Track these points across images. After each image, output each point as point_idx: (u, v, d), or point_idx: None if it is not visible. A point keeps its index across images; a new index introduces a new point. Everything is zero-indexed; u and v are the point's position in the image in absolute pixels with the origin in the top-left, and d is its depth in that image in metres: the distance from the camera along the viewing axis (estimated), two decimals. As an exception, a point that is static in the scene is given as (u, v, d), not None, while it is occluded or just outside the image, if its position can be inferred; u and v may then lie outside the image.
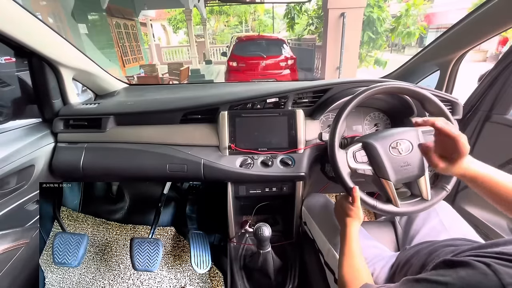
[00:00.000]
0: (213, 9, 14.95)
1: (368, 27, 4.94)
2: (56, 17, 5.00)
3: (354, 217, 0.67)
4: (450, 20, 10.47)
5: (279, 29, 18.05)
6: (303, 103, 0.99)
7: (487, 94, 0.95)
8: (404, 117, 0.97)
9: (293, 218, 1.03)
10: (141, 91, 1.33)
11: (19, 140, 0.86)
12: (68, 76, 1.00)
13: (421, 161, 0.70)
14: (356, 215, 0.67)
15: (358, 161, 0.71)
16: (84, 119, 1.00)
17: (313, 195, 1.00)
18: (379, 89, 0.71)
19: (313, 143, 0.93)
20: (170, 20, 16.37)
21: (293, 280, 0.96)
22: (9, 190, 0.81)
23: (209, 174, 0.91)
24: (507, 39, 7.98)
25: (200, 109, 0.97)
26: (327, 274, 0.75)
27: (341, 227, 0.68)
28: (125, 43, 7.56)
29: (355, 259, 0.59)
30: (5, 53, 1.21)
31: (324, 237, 0.78)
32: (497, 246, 0.38)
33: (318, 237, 0.81)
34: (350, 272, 0.57)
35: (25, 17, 0.76)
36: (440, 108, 0.73)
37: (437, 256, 0.50)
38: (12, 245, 0.80)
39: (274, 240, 1.07)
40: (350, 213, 0.67)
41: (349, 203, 0.68)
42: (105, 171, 0.96)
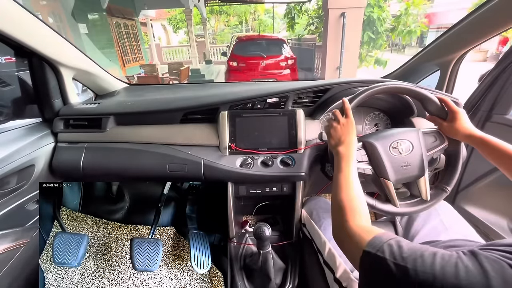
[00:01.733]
0: (213, 9, 14.95)
1: (368, 27, 4.93)
2: (56, 16, 5.01)
3: (349, 142, 0.63)
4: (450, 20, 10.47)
5: (279, 29, 18.04)
6: (303, 103, 0.99)
7: (487, 94, 0.95)
8: (405, 117, 0.97)
9: (293, 218, 1.03)
10: (141, 91, 1.33)
11: (19, 140, 0.86)
12: (68, 76, 1.00)
13: (421, 161, 0.70)
14: (349, 136, 0.64)
15: (358, 161, 0.71)
16: (84, 119, 1.00)
17: (312, 198, 1.00)
18: (379, 89, 0.71)
19: (313, 143, 0.93)
20: (170, 20, 16.37)
21: (293, 280, 0.96)
22: (9, 190, 0.81)
23: (209, 174, 0.91)
24: (507, 39, 7.98)
25: (200, 109, 0.97)
26: (326, 273, 0.75)
27: (335, 157, 0.63)
28: (125, 43, 7.56)
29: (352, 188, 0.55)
30: (5, 53, 1.21)
31: (323, 237, 0.78)
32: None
33: (317, 237, 0.81)
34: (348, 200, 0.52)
35: (25, 16, 0.76)
36: (441, 108, 0.73)
37: None
38: (12, 245, 0.80)
39: (274, 240, 1.07)
40: (345, 137, 0.63)
41: (341, 121, 0.66)
42: (105, 171, 0.96)
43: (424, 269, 0.33)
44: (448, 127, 0.70)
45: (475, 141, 0.64)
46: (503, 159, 0.58)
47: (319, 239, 0.80)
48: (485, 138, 0.61)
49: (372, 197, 0.70)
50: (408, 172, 0.69)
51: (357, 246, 0.42)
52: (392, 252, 0.37)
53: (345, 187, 0.55)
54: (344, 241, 0.48)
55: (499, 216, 0.93)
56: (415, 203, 0.70)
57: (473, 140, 0.64)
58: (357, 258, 0.42)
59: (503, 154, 0.57)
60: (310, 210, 0.92)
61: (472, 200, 1.01)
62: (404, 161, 0.69)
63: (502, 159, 0.58)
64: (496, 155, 0.59)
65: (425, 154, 0.70)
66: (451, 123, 0.68)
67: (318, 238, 0.81)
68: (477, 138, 0.63)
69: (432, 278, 0.32)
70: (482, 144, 0.62)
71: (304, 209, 0.96)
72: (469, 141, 0.66)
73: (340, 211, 0.51)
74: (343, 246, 0.49)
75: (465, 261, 0.33)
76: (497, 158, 0.59)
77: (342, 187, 0.55)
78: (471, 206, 0.99)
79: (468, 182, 1.02)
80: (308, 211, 0.93)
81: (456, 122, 0.67)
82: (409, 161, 0.69)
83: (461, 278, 0.31)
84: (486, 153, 0.61)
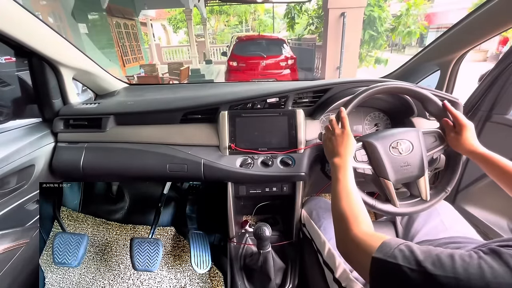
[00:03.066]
0: (213, 9, 14.95)
1: (368, 26, 4.93)
2: (56, 16, 5.01)
3: (344, 153, 0.63)
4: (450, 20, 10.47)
5: (279, 29, 18.03)
6: (303, 103, 0.99)
7: (487, 94, 0.95)
8: (405, 117, 0.97)
9: (293, 218, 1.03)
10: (141, 91, 1.33)
11: (19, 140, 0.86)
12: (68, 76, 1.00)
13: (421, 161, 0.70)
14: (344, 148, 0.64)
15: (358, 161, 0.71)
16: (84, 119, 1.00)
17: (312, 198, 1.00)
18: (379, 89, 0.71)
19: (313, 143, 0.93)
20: (170, 20, 16.37)
21: (293, 280, 0.96)
22: (9, 190, 0.81)
23: (209, 174, 0.91)
24: (507, 39, 7.98)
25: (200, 109, 0.97)
26: (326, 273, 0.75)
27: (332, 168, 0.64)
28: (125, 42, 7.56)
29: (352, 197, 0.54)
30: (5, 53, 1.21)
31: (323, 237, 0.78)
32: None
33: (317, 237, 0.81)
34: (350, 208, 0.51)
35: (25, 16, 0.76)
36: (441, 108, 0.73)
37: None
38: (12, 245, 0.80)
39: (274, 240, 1.07)
40: (339, 149, 0.64)
41: (337, 132, 0.66)
42: (105, 171, 0.96)
43: (445, 272, 0.32)
44: (453, 139, 0.70)
45: (477, 157, 0.65)
46: (503, 177, 0.58)
47: (319, 239, 0.80)
48: (486, 155, 0.62)
49: (372, 197, 0.70)
50: (408, 172, 0.69)
51: (365, 254, 0.41)
52: (406, 257, 0.36)
53: (345, 197, 0.55)
54: (351, 251, 0.47)
55: (499, 216, 0.93)
56: (415, 203, 0.70)
57: (475, 156, 0.65)
58: (366, 266, 0.40)
59: (504, 171, 0.58)
60: (310, 210, 0.92)
61: (472, 200, 1.01)
62: (404, 161, 0.69)
63: (503, 176, 0.58)
64: (497, 172, 0.60)
65: (425, 154, 0.70)
66: (458, 135, 0.69)
67: (318, 238, 0.81)
68: (479, 155, 0.64)
69: (455, 281, 0.31)
70: (484, 161, 0.63)
71: (304, 209, 0.96)
72: (471, 156, 0.66)
73: (343, 221, 0.50)
74: (349, 257, 0.47)
75: (489, 261, 0.32)
76: (498, 176, 0.60)
77: (341, 197, 0.55)
78: (471, 206, 0.99)
79: (468, 182, 1.02)
80: (308, 211, 0.93)
81: (462, 136, 0.68)
82: (409, 161, 0.69)
83: (488, 279, 0.30)
84: (487, 169, 0.62)
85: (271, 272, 0.87)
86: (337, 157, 0.64)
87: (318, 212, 0.89)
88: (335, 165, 0.63)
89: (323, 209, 0.91)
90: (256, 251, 0.88)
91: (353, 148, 0.66)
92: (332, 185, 0.60)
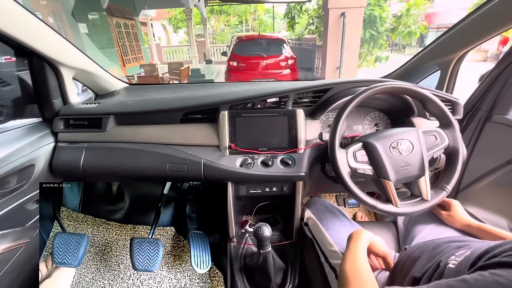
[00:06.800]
0: (213, 9, 14.95)
1: (369, 25, 4.92)
2: (56, 16, 5.01)
3: (357, 235, 0.65)
4: (450, 20, 10.46)
5: (279, 28, 18.02)
6: (304, 103, 0.99)
7: (487, 94, 0.95)
8: (405, 117, 0.97)
9: (293, 218, 1.03)
10: (141, 90, 1.33)
11: (19, 139, 0.86)
12: (69, 76, 1.00)
13: (421, 161, 0.70)
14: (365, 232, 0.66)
15: (358, 161, 0.71)
16: (84, 119, 1.00)
17: (315, 197, 1.01)
18: (379, 89, 0.71)
19: (313, 143, 0.93)
20: (170, 20, 16.37)
21: (293, 280, 0.96)
22: (9, 189, 0.81)
23: (209, 174, 0.91)
24: (507, 39, 7.98)
25: (200, 108, 0.97)
26: (327, 273, 0.75)
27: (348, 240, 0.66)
28: (125, 42, 7.56)
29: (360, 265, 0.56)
30: (5, 53, 1.21)
31: (327, 236, 0.79)
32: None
33: (320, 236, 0.81)
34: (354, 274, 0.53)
35: (25, 16, 0.76)
36: (441, 108, 0.73)
37: (441, 253, 0.50)
38: (12, 244, 0.80)
39: (274, 240, 1.07)
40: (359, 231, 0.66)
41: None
42: (105, 171, 0.96)
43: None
44: (446, 216, 0.76)
45: (473, 230, 0.69)
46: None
47: (322, 238, 0.80)
48: (482, 227, 0.67)
49: (372, 197, 0.70)
50: (409, 172, 0.69)
51: None
52: None
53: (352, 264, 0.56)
54: None
55: (499, 216, 0.93)
56: (415, 203, 0.70)
57: (472, 229, 0.69)
58: None
59: (500, 238, 0.61)
60: (313, 210, 0.93)
61: (472, 200, 1.01)
62: (405, 161, 0.69)
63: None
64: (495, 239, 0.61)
65: (425, 154, 0.70)
66: (449, 212, 0.75)
67: (321, 237, 0.81)
68: (475, 228, 0.68)
69: None
70: (481, 232, 0.66)
71: (307, 209, 0.96)
72: (467, 230, 0.70)
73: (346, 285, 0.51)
74: None
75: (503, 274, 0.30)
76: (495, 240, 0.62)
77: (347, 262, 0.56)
78: (471, 206, 0.99)
79: (468, 182, 1.02)
80: (312, 210, 0.93)
81: (452, 212, 0.74)
82: (409, 161, 0.69)
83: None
84: (485, 239, 0.64)
85: (271, 272, 0.87)
86: (356, 233, 0.65)
87: (322, 211, 0.90)
88: (351, 235, 0.65)
89: (327, 208, 0.91)
90: (256, 251, 0.88)
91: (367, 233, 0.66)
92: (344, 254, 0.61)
